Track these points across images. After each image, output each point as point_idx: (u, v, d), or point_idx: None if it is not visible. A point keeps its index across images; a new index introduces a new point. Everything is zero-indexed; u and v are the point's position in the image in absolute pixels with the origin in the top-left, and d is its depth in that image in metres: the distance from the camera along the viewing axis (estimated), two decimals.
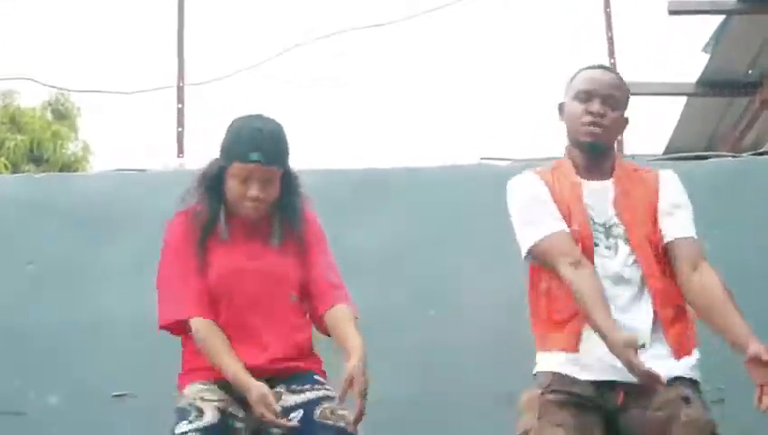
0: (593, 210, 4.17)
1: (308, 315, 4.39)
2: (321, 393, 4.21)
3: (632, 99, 6.49)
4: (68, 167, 19.25)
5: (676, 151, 8.35)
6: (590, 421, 4.17)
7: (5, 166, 17.17)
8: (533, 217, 4.18)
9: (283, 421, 3.98)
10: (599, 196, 4.22)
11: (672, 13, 8.20)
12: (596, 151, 4.16)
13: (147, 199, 5.30)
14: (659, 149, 9.29)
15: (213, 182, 4.24)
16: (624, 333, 3.91)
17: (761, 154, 6.44)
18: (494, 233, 4.92)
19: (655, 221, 4.19)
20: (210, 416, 4.09)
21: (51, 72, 34.46)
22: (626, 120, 4.32)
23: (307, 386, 4.26)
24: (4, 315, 5.69)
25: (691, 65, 9.12)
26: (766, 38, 8.38)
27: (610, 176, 4.24)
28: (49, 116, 20.43)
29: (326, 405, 4.18)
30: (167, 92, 6.68)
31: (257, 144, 4.10)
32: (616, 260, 4.16)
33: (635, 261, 4.17)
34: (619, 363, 3.90)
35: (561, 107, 4.31)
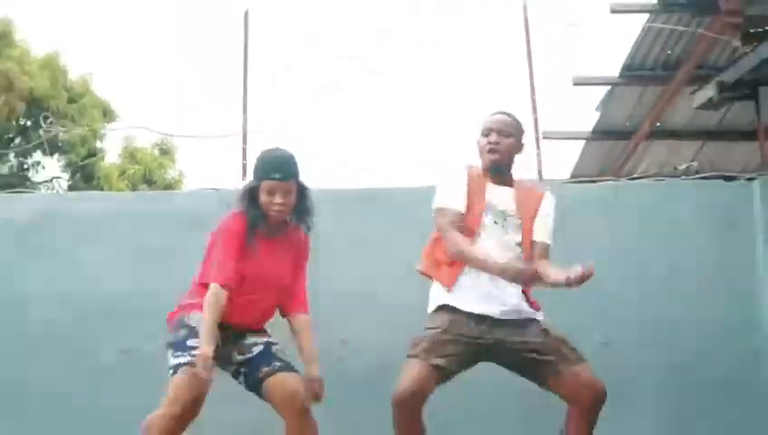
0: (497, 202, 5.08)
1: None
2: (272, 339, 5.13)
3: (549, 141, 7.64)
4: (169, 187, 20.72)
5: (578, 176, 9.68)
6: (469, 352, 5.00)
7: (127, 186, 18.94)
8: (448, 191, 5.12)
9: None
10: (502, 194, 5.13)
11: (576, 84, 9.38)
12: (496, 170, 5.14)
13: (218, 206, 5.83)
14: (567, 174, 10.42)
15: (251, 195, 5.05)
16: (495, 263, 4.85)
17: (633, 179, 7.36)
18: None
19: (534, 214, 5.15)
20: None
21: (158, 121, 36.02)
22: (521, 146, 5.27)
23: (263, 334, 5.15)
24: (125, 288, 6.50)
25: (588, 119, 10.26)
26: (636, 101, 9.65)
27: (511, 186, 5.19)
28: (156, 152, 21.87)
29: (277, 347, 5.09)
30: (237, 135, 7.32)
31: (277, 167, 5.00)
32: (507, 237, 5.06)
33: (519, 242, 5.07)
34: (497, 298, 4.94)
35: (477, 143, 5.22)
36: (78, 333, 6.47)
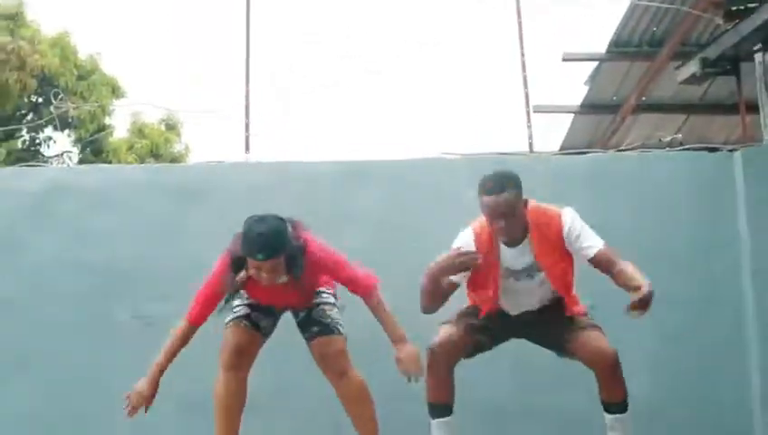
0: (513, 264, 4.99)
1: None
2: (319, 299, 5.15)
3: (540, 115, 7.65)
4: (175, 160, 20.63)
5: (568, 149, 9.61)
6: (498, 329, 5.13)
7: (134, 160, 18.98)
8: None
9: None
10: (517, 254, 4.99)
11: (565, 60, 9.45)
12: (511, 243, 4.98)
13: (224, 179, 6.03)
14: (557, 147, 10.45)
15: (239, 260, 4.87)
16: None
17: (620, 150, 7.39)
18: (447, 215, 5.63)
19: (564, 253, 5.02)
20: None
21: (164, 98, 36.20)
22: (524, 202, 4.94)
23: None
24: (134, 256, 6.54)
25: (577, 94, 10.28)
26: (623, 76, 9.65)
27: (524, 237, 4.97)
28: (162, 127, 21.86)
29: (321, 307, 5.14)
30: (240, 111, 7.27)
31: (260, 247, 4.70)
32: (532, 282, 5.04)
33: (543, 279, 5.04)
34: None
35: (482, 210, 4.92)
36: (89, 298, 6.51)
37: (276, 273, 4.84)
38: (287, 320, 5.30)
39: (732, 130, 10.19)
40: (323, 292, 5.24)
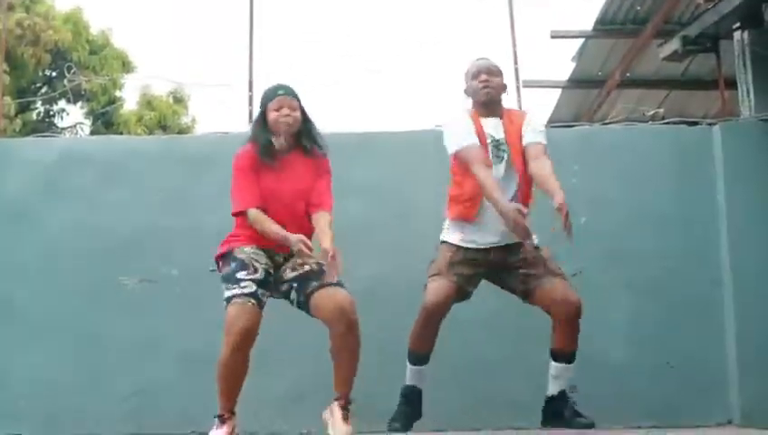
0: (493, 133, 5.35)
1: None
2: (324, 262, 4.93)
3: (529, 90, 7.65)
4: (182, 131, 20.58)
5: (556, 122, 9.79)
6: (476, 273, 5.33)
7: (144, 131, 18.99)
8: (461, 132, 5.34)
9: (313, 254, 4.82)
10: (494, 124, 5.39)
11: (553, 37, 9.46)
12: (490, 104, 5.42)
13: (229, 149, 5.46)
14: (545, 120, 10.44)
15: (262, 121, 5.21)
16: (514, 204, 5.03)
17: (605, 124, 7.43)
18: (441, 184, 5.70)
19: (521, 138, 5.37)
20: (261, 273, 5.00)
21: (172, 71, 36.16)
22: (505, 85, 5.55)
23: (316, 257, 4.98)
24: (143, 223, 6.54)
25: (564, 69, 10.30)
26: (608, 53, 9.70)
27: (501, 117, 5.44)
28: (170, 100, 21.87)
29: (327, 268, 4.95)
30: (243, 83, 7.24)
31: (280, 87, 5.21)
32: (501, 165, 5.30)
33: (509, 156, 5.32)
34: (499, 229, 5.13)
35: (465, 90, 5.56)
36: (101, 264, 6.52)
37: (294, 115, 5.17)
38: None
39: (711, 105, 10.21)
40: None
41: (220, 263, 5.20)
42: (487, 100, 5.45)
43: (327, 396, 5.00)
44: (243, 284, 4.95)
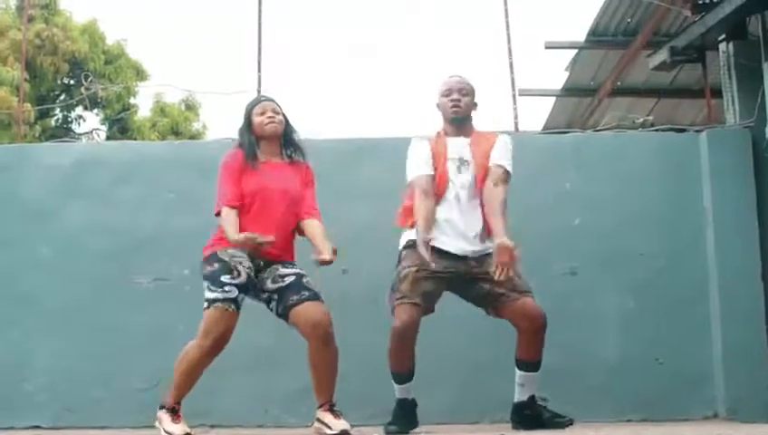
0: (460, 152, 5.30)
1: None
2: (303, 272, 5.12)
3: (524, 98, 7.63)
4: (194, 137, 20.63)
5: (550, 128, 9.75)
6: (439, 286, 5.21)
7: (157, 137, 19.00)
8: (415, 163, 5.33)
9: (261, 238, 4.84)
10: (461, 144, 5.33)
11: (547, 47, 9.46)
12: (459, 123, 5.37)
13: None
14: (540, 126, 10.56)
15: (247, 126, 5.26)
16: (423, 236, 4.99)
17: (597, 130, 7.38)
18: None
19: (488, 159, 5.27)
20: (244, 277, 4.98)
21: (184, 80, 36.32)
22: (475, 104, 5.48)
23: (294, 267, 5.15)
24: (156, 224, 6.58)
25: (558, 78, 10.31)
26: (600, 63, 9.69)
27: (468, 136, 5.37)
28: (182, 107, 21.85)
29: (307, 278, 5.10)
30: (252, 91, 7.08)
31: (263, 95, 5.38)
32: (464, 175, 5.25)
33: (474, 177, 5.24)
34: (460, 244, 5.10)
35: (437, 105, 5.49)
36: (116, 262, 6.54)
37: (278, 118, 5.25)
38: None
39: (698, 112, 10.23)
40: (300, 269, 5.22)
41: (204, 263, 5.16)
42: (455, 118, 5.42)
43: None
44: (226, 288, 4.94)
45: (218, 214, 5.13)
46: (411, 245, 5.22)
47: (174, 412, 5.09)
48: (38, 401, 6.36)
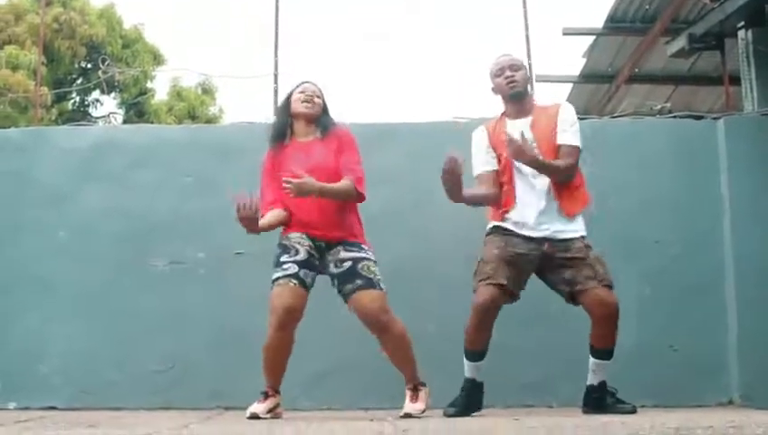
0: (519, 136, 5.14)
1: None
2: (363, 254, 5.16)
3: (542, 84, 7.61)
4: (210, 121, 20.71)
5: None
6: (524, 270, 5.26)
7: (174, 121, 19.08)
8: (477, 157, 5.37)
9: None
10: (520, 126, 5.25)
11: (565, 34, 9.45)
12: (518, 96, 5.34)
13: (255, 139, 5.81)
14: None
15: (285, 108, 5.37)
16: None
17: (614, 117, 7.36)
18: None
19: (555, 135, 5.27)
20: (303, 254, 5.11)
21: (200, 64, 36.41)
22: (529, 78, 5.59)
23: (355, 249, 5.18)
24: (172, 207, 6.60)
25: (576, 65, 10.24)
26: (618, 50, 9.70)
27: (529, 114, 5.34)
28: (199, 91, 21.95)
29: (365, 262, 5.14)
30: (269, 75, 7.32)
31: (303, 80, 5.40)
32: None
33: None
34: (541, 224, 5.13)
35: (492, 89, 5.45)
36: (132, 245, 6.57)
37: (316, 101, 5.31)
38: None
39: (716, 100, 10.20)
40: (367, 250, 5.24)
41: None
42: (515, 93, 5.38)
43: (349, 376, 5.07)
44: (285, 266, 5.08)
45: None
46: (493, 230, 5.31)
47: (264, 394, 5.18)
48: (54, 383, 6.40)
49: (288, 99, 5.39)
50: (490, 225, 5.35)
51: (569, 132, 5.32)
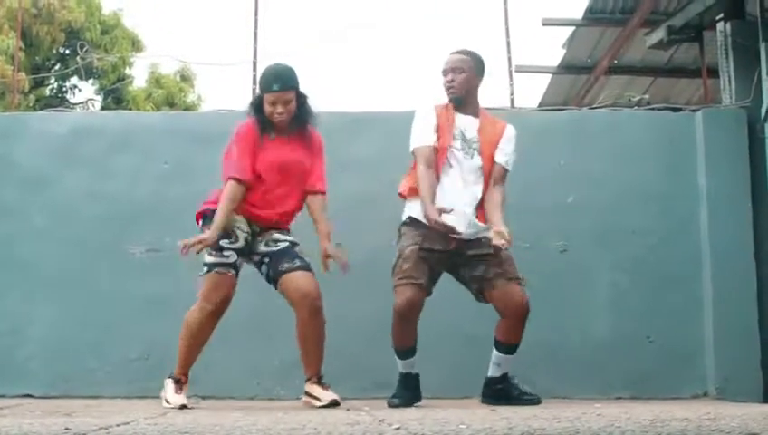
0: (464, 130, 5.23)
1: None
2: (296, 241, 5.17)
3: (521, 75, 7.60)
4: (189, 108, 20.49)
5: (546, 105, 9.73)
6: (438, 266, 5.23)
7: (152, 108, 18.92)
8: (419, 131, 5.27)
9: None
10: (468, 123, 5.27)
11: (544, 24, 9.41)
12: (457, 103, 5.28)
13: (234, 125, 5.39)
14: (535, 103, 10.51)
15: (258, 105, 5.16)
16: (434, 208, 4.94)
17: (593, 108, 7.36)
18: None
19: (495, 149, 5.26)
20: (241, 241, 5.08)
21: (179, 51, 36.30)
22: (476, 78, 5.33)
23: (289, 235, 5.19)
24: (150, 193, 6.59)
25: (554, 55, 10.26)
26: (597, 41, 9.64)
27: (477, 117, 5.30)
28: (178, 78, 21.84)
29: (300, 247, 5.15)
30: (248, 63, 7.28)
31: (275, 78, 5.06)
32: (471, 162, 5.21)
33: (481, 166, 5.21)
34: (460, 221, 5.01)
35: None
36: (110, 231, 6.56)
37: (289, 108, 5.08)
38: None
39: (694, 92, 10.24)
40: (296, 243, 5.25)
41: (201, 222, 5.24)
42: (452, 98, 5.34)
43: (324, 365, 5.03)
44: (225, 253, 5.03)
45: (227, 179, 5.11)
46: (411, 221, 5.23)
47: (178, 383, 5.14)
48: (30, 369, 6.39)
49: (260, 100, 5.19)
50: (408, 214, 5.30)
51: (509, 156, 5.35)
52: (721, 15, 7.17)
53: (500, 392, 5.28)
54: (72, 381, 6.35)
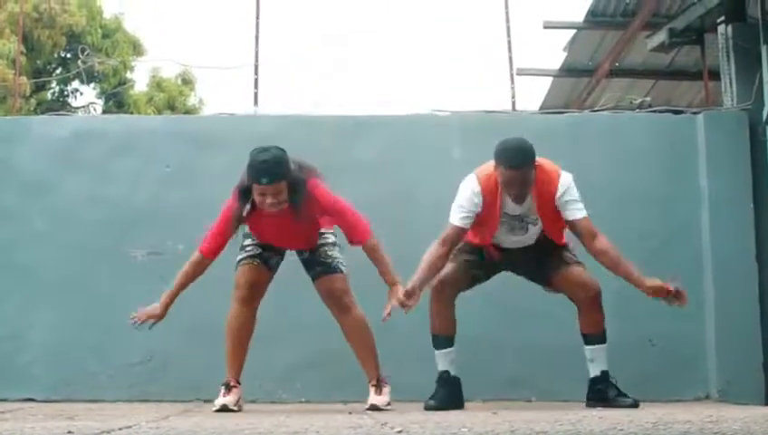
0: (512, 210, 5.07)
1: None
2: (319, 241, 5.15)
3: (522, 78, 7.58)
4: (189, 112, 20.56)
5: (547, 108, 9.65)
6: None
7: (153, 111, 18.89)
8: (458, 209, 5.09)
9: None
10: (523, 209, 5.07)
11: (546, 27, 9.40)
12: (519, 201, 5.03)
13: (234, 130, 6.05)
14: (537, 106, 10.47)
15: (245, 191, 4.93)
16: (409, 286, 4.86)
17: (594, 111, 7.36)
18: (438, 166, 6.06)
19: (555, 210, 5.07)
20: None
21: (180, 55, 36.34)
22: (534, 174, 4.98)
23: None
24: (151, 197, 6.59)
25: (556, 58, 10.27)
26: (598, 44, 9.60)
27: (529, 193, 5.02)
28: (179, 82, 21.83)
29: (322, 249, 5.15)
30: (249, 66, 7.32)
31: (264, 172, 4.77)
32: (526, 235, 5.17)
33: (539, 230, 5.15)
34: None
35: (496, 168, 4.99)
36: (112, 234, 6.56)
37: (279, 199, 4.85)
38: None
39: (695, 95, 10.23)
40: (325, 233, 5.24)
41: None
42: (516, 201, 5.07)
43: (327, 368, 5.06)
44: (248, 248, 5.18)
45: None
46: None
47: (227, 387, 5.14)
48: (32, 373, 6.38)
49: (248, 189, 4.92)
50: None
51: (579, 203, 5.16)
52: (722, 18, 7.17)
53: (599, 394, 5.25)
54: (74, 384, 6.35)
